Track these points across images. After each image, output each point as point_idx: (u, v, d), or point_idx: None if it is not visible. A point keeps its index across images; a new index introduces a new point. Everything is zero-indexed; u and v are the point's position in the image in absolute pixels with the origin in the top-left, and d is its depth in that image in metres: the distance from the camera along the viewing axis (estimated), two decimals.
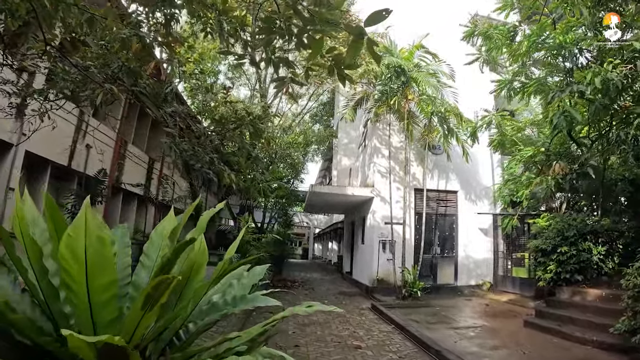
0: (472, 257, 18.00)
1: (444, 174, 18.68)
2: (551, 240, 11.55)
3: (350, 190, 19.10)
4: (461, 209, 18.52)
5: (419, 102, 16.41)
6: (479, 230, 18.28)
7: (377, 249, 17.06)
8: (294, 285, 19.79)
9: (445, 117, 16.43)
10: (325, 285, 21.55)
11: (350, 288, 20.17)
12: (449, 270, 17.93)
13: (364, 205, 20.11)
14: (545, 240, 11.73)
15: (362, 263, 19.77)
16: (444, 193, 18.59)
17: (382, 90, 16.70)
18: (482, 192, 18.87)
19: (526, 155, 14.33)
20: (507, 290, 16.36)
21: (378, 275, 16.81)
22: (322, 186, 19.51)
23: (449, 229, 18.51)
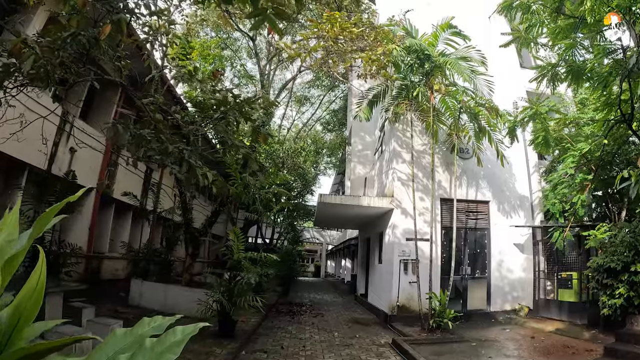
0: (507, 277, 15.95)
1: (474, 182, 16.67)
2: (620, 256, 9.59)
3: (365, 201, 16.92)
4: (494, 222, 16.47)
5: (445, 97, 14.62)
6: (514, 246, 16.23)
7: (397, 269, 14.99)
8: (300, 311, 17.74)
9: (476, 113, 14.38)
10: (336, 310, 19.30)
11: (365, 314, 17.96)
12: (481, 294, 15.83)
13: (381, 219, 18.04)
14: (613, 257, 9.75)
15: (379, 286, 17.62)
16: (473, 204, 16.57)
17: (401, 85, 14.74)
18: (517, 201, 16.86)
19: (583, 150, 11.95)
20: (550, 317, 14.23)
21: (399, 300, 14.72)
22: (333, 196, 17.29)
23: (480, 245, 16.41)
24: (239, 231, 11.50)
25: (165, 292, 13.90)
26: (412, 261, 14.70)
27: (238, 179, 11.30)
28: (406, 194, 15.64)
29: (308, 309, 18.48)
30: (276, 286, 25.04)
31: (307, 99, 38.77)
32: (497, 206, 16.63)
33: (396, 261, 15.10)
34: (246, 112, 8.80)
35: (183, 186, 14.47)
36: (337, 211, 19.20)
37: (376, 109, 16.87)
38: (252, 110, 9.05)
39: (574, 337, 11.60)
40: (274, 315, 16.10)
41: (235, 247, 11.29)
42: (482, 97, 14.28)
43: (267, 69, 20.78)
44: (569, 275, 14.12)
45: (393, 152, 16.70)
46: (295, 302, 20.77)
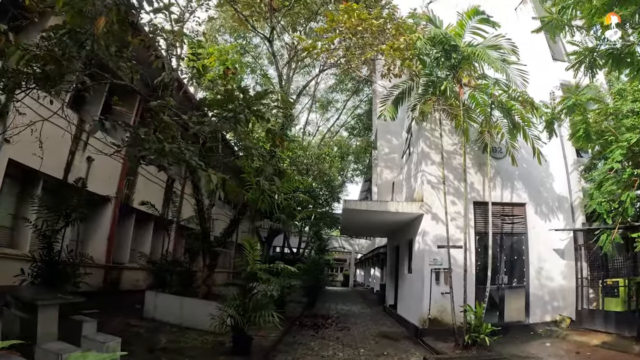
0: (546, 285, 14.87)
1: (509, 183, 15.67)
2: None
3: (393, 207, 15.97)
4: (531, 226, 15.40)
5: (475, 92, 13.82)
6: (554, 252, 15.15)
7: (428, 279, 14.10)
8: (325, 324, 16.81)
9: (509, 108, 13.50)
10: (364, 322, 18.33)
11: (394, 327, 17.00)
12: (519, 304, 14.74)
13: (410, 225, 17.10)
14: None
15: (409, 297, 16.67)
16: (509, 206, 15.56)
17: (427, 81, 13.92)
18: (556, 203, 15.84)
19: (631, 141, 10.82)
20: (595, 329, 13.14)
21: (430, 313, 13.79)
22: (358, 202, 16.53)
23: (516, 251, 15.36)
24: (253, 240, 10.69)
25: (180, 304, 13.28)
26: (444, 270, 13.81)
27: (253, 183, 10.51)
28: (437, 198, 14.76)
29: (334, 322, 17.56)
30: (302, 297, 24.33)
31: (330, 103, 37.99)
32: (534, 208, 15.61)
33: (427, 270, 14.20)
34: (257, 110, 8.05)
35: (200, 194, 13.87)
36: (364, 218, 18.36)
37: (402, 108, 16.09)
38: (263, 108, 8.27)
39: (623, 351, 10.76)
40: (296, 329, 15.27)
41: (250, 257, 10.41)
42: (515, 89, 13.38)
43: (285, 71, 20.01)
44: (615, 282, 13.04)
45: (421, 153, 15.79)
46: (321, 314, 19.89)
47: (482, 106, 13.99)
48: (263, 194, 10.56)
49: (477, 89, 13.88)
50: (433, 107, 14.12)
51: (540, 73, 15.02)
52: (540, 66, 15.11)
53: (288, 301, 18.66)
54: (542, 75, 15.35)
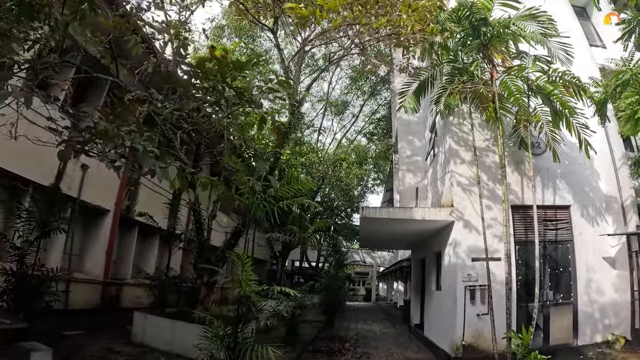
0: (596, 301, 12.96)
1: (550, 183, 13.88)
2: None
3: (419, 213, 14.05)
4: (577, 232, 13.54)
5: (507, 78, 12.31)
6: (604, 261, 13.33)
7: (461, 298, 12.18)
8: (343, 349, 14.85)
9: (548, 93, 11.93)
10: (386, 346, 16.20)
11: (421, 353, 14.92)
12: (566, 323, 12.89)
13: (438, 235, 15.23)
14: None
15: (439, 318, 14.72)
16: (551, 210, 13.70)
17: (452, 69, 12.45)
18: (603, 204, 14.02)
19: None
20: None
21: (464, 338, 11.84)
22: (378, 209, 14.59)
23: (561, 261, 13.52)
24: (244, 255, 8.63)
25: (171, 328, 11.70)
26: (480, 287, 12.03)
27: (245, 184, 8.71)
28: (469, 202, 12.99)
29: (352, 346, 15.57)
30: (319, 315, 22.58)
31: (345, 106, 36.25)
32: (579, 211, 13.79)
33: (460, 288, 12.30)
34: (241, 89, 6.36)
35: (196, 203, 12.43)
36: (385, 228, 16.48)
37: (424, 105, 14.48)
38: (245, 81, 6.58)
39: None
40: (308, 356, 13.40)
41: (242, 276, 8.31)
42: (555, 70, 11.77)
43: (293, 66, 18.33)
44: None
45: (449, 151, 13.96)
46: (339, 337, 17.91)
47: (515, 94, 12.37)
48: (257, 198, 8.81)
49: (509, 74, 12.26)
50: (460, 98, 12.49)
51: (577, 60, 12.88)
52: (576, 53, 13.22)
53: (301, 322, 16.81)
54: (579, 62, 13.31)
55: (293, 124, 15.87)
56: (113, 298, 15.30)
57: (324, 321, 21.91)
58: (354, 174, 31.63)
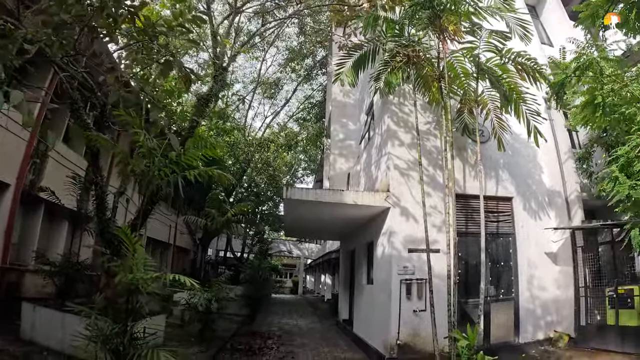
0: (538, 297, 12.81)
1: (492, 172, 13.41)
2: None
3: (350, 197, 12.80)
4: (520, 224, 13.25)
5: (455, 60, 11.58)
6: (546, 256, 13.14)
7: (396, 293, 11.22)
8: (265, 347, 13.62)
9: (498, 77, 11.31)
10: (313, 343, 15.16)
11: (351, 351, 13.85)
12: (507, 320, 12.47)
13: (371, 224, 14.30)
14: None
15: (370, 313, 13.85)
16: (493, 201, 13.16)
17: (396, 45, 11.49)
18: (546, 197, 13.85)
19: None
20: (602, 348, 11.29)
21: (399, 337, 10.88)
22: (305, 190, 13.21)
23: (503, 255, 13.09)
24: (129, 230, 6.88)
25: (62, 323, 9.94)
26: (417, 281, 11.20)
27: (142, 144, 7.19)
28: (406, 188, 12.08)
29: (275, 344, 14.32)
30: (242, 308, 21.16)
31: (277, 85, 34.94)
32: (522, 204, 13.47)
33: (395, 281, 11.34)
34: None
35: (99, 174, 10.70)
36: (312, 213, 15.16)
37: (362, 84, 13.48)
38: None
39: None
40: (225, 355, 12.05)
41: (133, 260, 6.52)
42: (509, 51, 11.19)
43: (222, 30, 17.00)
44: (629, 291, 11.12)
45: (387, 132, 12.95)
46: (261, 332, 16.66)
47: (461, 77, 11.76)
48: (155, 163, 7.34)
49: (457, 55, 11.56)
50: (402, 77, 11.68)
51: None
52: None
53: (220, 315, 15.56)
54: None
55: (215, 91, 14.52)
56: (12, 286, 13.57)
57: (246, 315, 20.82)
58: (282, 158, 30.56)
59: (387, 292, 11.58)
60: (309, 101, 37.18)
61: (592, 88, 9.99)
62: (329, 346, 14.55)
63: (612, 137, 12.59)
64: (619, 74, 10.34)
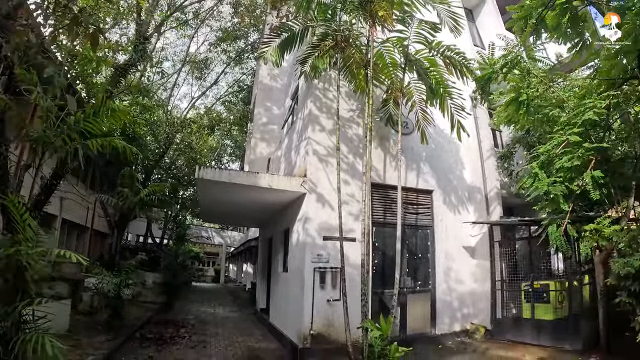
0: (455, 289, 13.12)
1: (414, 164, 13.42)
2: None
3: (265, 181, 12.15)
4: (438, 218, 13.41)
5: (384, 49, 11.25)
6: (464, 250, 13.39)
7: (310, 281, 10.90)
8: (177, 336, 13.11)
9: (426, 69, 11.23)
10: (228, 332, 14.71)
11: (266, 341, 13.53)
12: (424, 312, 12.59)
13: (288, 210, 13.96)
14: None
15: (285, 303, 13.53)
16: (413, 193, 13.23)
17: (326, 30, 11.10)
18: (466, 193, 14.09)
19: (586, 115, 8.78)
20: (518, 340, 11.70)
21: (313, 327, 10.58)
22: (218, 170, 12.52)
23: (421, 247, 13.12)
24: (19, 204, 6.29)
25: None
26: (331, 270, 10.93)
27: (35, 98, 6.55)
28: (324, 174, 11.77)
29: (188, 333, 13.86)
30: (158, 296, 20.49)
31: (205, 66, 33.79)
32: (442, 197, 13.61)
33: (308, 269, 11.05)
34: None
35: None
36: (227, 196, 14.15)
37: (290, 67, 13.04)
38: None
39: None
40: (133, 345, 11.47)
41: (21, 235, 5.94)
42: (438, 44, 11.13)
43: None
44: (544, 286, 11.62)
45: (309, 116, 12.55)
46: (176, 321, 16.06)
47: (389, 68, 11.53)
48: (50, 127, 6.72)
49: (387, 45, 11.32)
50: (329, 62, 11.50)
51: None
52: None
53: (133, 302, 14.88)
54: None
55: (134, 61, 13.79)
56: None
57: (162, 303, 20.01)
58: (205, 140, 29.54)
59: (300, 281, 11.28)
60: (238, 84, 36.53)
61: (518, 86, 10.26)
62: (243, 336, 14.16)
63: (535, 137, 12.97)
64: (545, 76, 10.63)
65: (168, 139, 23.77)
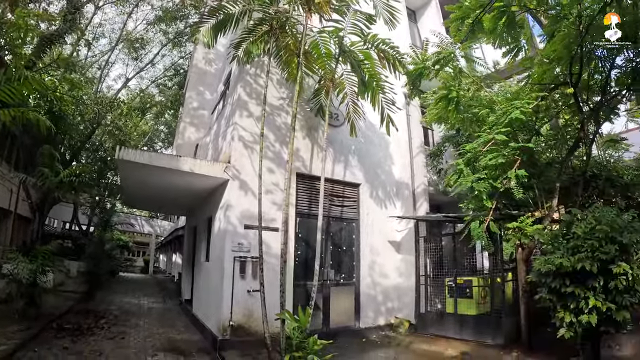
0: (380, 283, 13.19)
1: (342, 157, 13.37)
2: (592, 253, 7.28)
3: (187, 165, 11.63)
4: (365, 212, 13.43)
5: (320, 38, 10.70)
6: (389, 244, 13.51)
7: (229, 271, 10.58)
8: (95, 326, 12.52)
9: (360, 62, 11.01)
10: (149, 323, 14.22)
11: (188, 332, 13.15)
12: (348, 305, 12.64)
13: (212, 197, 13.59)
14: (581, 255, 7.32)
15: (207, 293, 13.19)
16: (340, 185, 13.22)
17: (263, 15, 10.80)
18: (394, 188, 14.22)
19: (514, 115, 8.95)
20: (442, 335, 11.92)
21: (232, 318, 10.31)
22: (139, 151, 11.90)
23: (346, 240, 13.17)
24: None
25: None
26: (252, 260, 10.68)
27: None
28: (249, 161, 11.49)
29: (108, 323, 13.25)
30: (81, 285, 19.80)
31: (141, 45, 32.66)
32: (369, 191, 13.63)
33: (228, 258, 10.73)
34: None
35: None
36: (149, 178, 13.43)
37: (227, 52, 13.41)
38: None
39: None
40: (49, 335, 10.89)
41: None
42: (374, 36, 10.97)
43: None
44: (467, 282, 11.81)
45: (237, 101, 12.18)
46: (97, 311, 15.40)
47: (324, 58, 11.12)
48: None
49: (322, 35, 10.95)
50: (264, 48, 11.06)
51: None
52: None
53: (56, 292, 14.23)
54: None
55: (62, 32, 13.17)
56: None
57: (85, 292, 19.14)
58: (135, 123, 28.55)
59: (220, 270, 10.97)
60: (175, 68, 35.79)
61: (449, 84, 10.40)
62: (165, 327, 13.69)
63: (464, 137, 13.12)
64: (478, 77, 10.98)
65: (96, 118, 22.72)
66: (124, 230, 43.83)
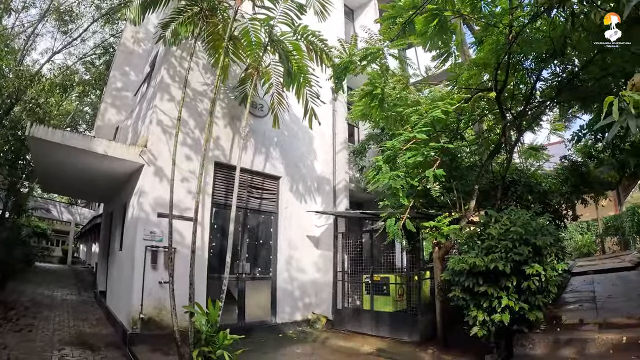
0: (297, 278, 13.14)
1: (264, 148, 13.18)
2: (506, 253, 7.54)
3: (101, 146, 10.95)
4: (284, 205, 13.35)
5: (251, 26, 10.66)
6: (308, 239, 13.50)
7: (141, 261, 10.09)
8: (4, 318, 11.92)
9: (288, 52, 10.86)
10: (60, 316, 13.56)
11: (100, 326, 12.55)
12: (264, 300, 12.54)
13: (128, 183, 13.02)
14: (495, 255, 7.57)
15: (119, 284, 12.63)
16: (259, 177, 13.05)
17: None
18: (315, 183, 14.24)
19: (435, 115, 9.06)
20: (358, 331, 12.03)
21: (143, 310, 9.87)
22: (51, 129, 11.16)
23: (263, 234, 12.98)
24: None
25: None
26: (164, 249, 10.20)
27: None
28: (167, 147, 11.01)
29: (17, 315, 12.60)
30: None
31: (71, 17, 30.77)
32: (290, 185, 13.56)
33: (140, 247, 10.23)
34: None
35: None
36: (63, 159, 12.42)
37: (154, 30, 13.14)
38: None
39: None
40: None
41: None
42: (305, 28, 10.84)
43: None
44: (384, 279, 11.90)
45: (160, 84, 11.69)
46: (6, 302, 14.57)
47: (253, 47, 11.00)
48: None
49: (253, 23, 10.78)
50: (193, 31, 10.66)
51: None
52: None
53: None
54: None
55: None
56: None
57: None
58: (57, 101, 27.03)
59: (132, 260, 10.46)
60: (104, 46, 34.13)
61: (375, 80, 10.31)
62: (76, 320, 13.06)
63: (388, 136, 13.15)
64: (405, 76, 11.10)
65: (16, 93, 21.21)
66: (41, 217, 41.75)
